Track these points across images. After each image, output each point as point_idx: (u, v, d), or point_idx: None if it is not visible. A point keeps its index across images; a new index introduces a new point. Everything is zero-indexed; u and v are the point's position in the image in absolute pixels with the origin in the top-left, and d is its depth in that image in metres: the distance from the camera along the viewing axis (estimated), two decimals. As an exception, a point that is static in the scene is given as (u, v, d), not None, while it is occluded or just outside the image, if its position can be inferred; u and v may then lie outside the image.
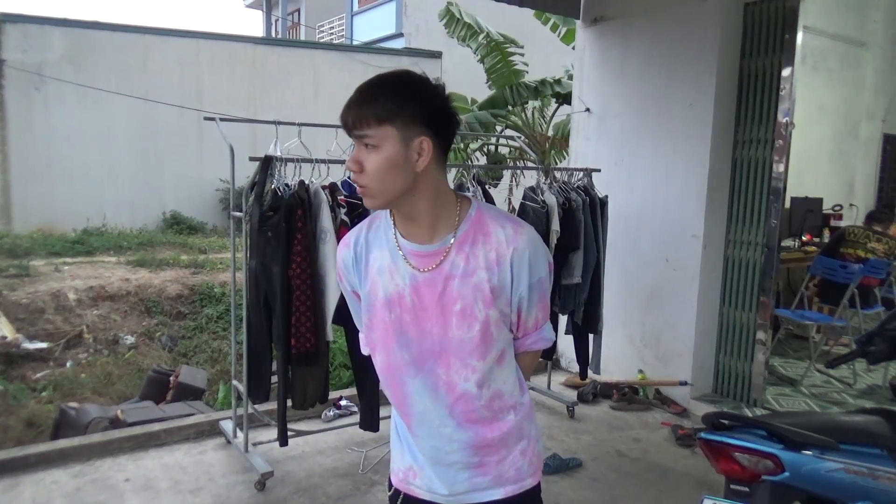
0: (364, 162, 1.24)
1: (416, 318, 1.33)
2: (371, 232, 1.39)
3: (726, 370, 4.39)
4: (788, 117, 3.95)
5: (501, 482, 1.40)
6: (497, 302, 1.31)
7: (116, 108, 11.47)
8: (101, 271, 8.19)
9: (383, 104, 1.23)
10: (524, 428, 1.43)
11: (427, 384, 1.35)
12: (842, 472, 1.91)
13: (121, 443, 3.55)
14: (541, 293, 1.37)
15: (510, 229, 1.32)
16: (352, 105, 1.24)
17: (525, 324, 1.39)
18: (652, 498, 3.21)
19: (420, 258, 1.32)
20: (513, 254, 1.30)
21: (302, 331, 3.04)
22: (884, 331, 2.33)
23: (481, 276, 1.30)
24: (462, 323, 1.31)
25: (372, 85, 1.25)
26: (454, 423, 1.36)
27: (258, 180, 3.07)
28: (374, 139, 1.23)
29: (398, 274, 1.33)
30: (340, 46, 15.91)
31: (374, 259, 1.37)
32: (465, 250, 1.31)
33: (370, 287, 1.37)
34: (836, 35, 7.13)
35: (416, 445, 1.42)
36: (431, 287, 1.31)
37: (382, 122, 1.22)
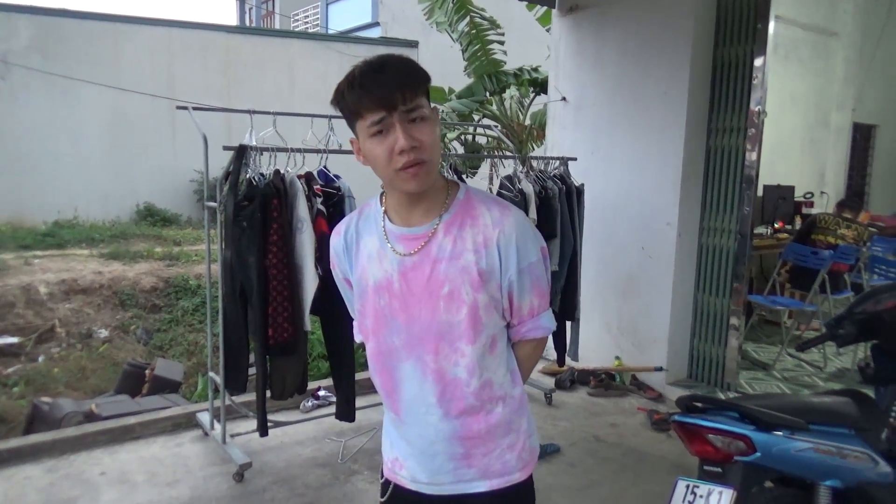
0: (420, 136, 1.21)
1: (404, 304, 1.32)
2: (361, 220, 1.40)
3: (701, 355, 4.46)
4: (761, 106, 4.01)
5: (487, 475, 1.38)
6: (486, 286, 1.29)
7: (86, 98, 11.21)
8: (73, 264, 8.04)
9: (419, 75, 1.23)
10: (513, 421, 1.40)
11: (416, 370, 1.34)
12: (811, 452, 1.96)
13: (95, 437, 3.51)
14: (533, 279, 1.34)
15: (497, 212, 1.31)
16: (389, 83, 1.19)
17: (519, 310, 1.37)
18: (628, 481, 3.26)
19: (407, 241, 1.31)
20: (499, 236, 1.29)
21: (279, 321, 3.02)
22: (852, 314, 2.38)
23: (469, 258, 1.29)
24: (450, 306, 1.29)
25: (396, 64, 1.22)
26: (441, 412, 1.35)
27: (233, 170, 3.03)
28: (424, 110, 1.23)
29: (386, 259, 1.33)
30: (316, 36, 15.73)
31: (363, 246, 1.37)
32: (452, 233, 1.30)
33: (360, 274, 1.37)
34: (808, 25, 7.24)
35: (403, 434, 1.41)
36: (419, 271, 1.30)
37: (424, 94, 1.24)
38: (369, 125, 1.21)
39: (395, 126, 1.20)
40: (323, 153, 3.27)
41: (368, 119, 1.21)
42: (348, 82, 1.23)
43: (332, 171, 3.32)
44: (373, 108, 1.20)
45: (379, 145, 1.22)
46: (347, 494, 3.07)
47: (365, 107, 1.21)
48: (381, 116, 1.20)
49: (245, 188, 3.00)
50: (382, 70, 1.21)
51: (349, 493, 3.08)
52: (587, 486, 3.22)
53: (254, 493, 3.06)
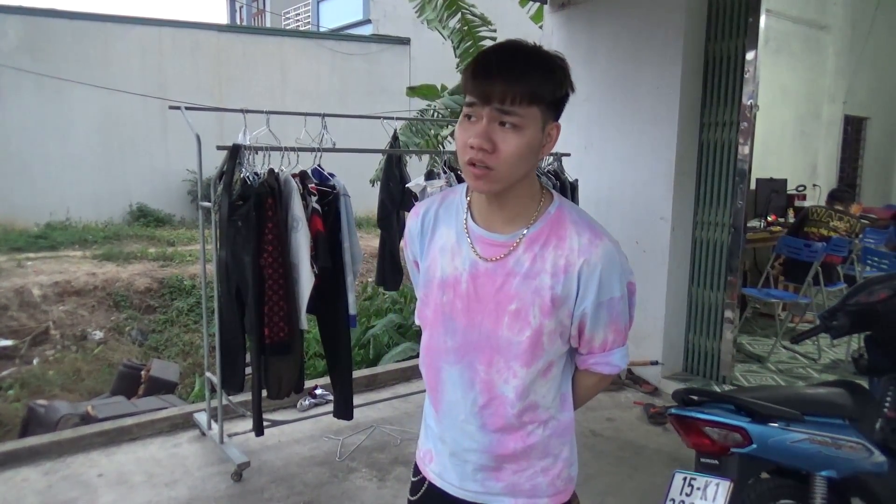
0: (500, 142, 1.12)
1: (467, 308, 1.25)
2: (443, 207, 1.33)
3: (696, 349, 4.48)
4: (753, 100, 4.02)
5: (514, 493, 1.32)
6: (556, 312, 1.22)
7: (77, 98, 11.15)
8: (67, 266, 8.01)
9: (540, 83, 1.13)
10: (551, 445, 1.32)
11: (464, 377, 1.28)
12: (806, 443, 1.98)
13: (92, 438, 3.50)
14: (612, 315, 1.24)
15: (587, 238, 1.21)
16: (498, 75, 1.11)
17: (589, 342, 1.28)
18: (626, 475, 3.28)
19: (486, 246, 1.24)
20: (582, 265, 1.20)
21: (275, 320, 3.02)
22: (845, 306, 2.40)
23: (544, 280, 1.21)
24: (514, 324, 1.22)
25: (522, 56, 1.13)
26: (479, 422, 1.28)
27: (226, 169, 3.03)
28: (521, 119, 1.12)
29: (459, 257, 1.26)
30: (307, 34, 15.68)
31: (439, 236, 1.31)
32: (534, 249, 1.22)
33: (430, 263, 1.31)
34: (798, 18, 7.27)
35: (440, 432, 1.37)
36: (491, 279, 1.23)
37: (533, 102, 1.12)
38: (466, 105, 1.16)
39: (482, 119, 1.13)
40: (317, 152, 3.27)
41: (468, 99, 1.15)
42: (478, 54, 1.17)
43: (326, 170, 3.32)
44: (472, 91, 1.13)
45: (463, 130, 1.16)
46: (346, 492, 3.08)
47: (468, 87, 1.14)
48: (473, 102, 1.13)
49: (239, 188, 3.00)
50: (504, 60, 1.13)
51: (348, 491, 3.08)
52: (584, 480, 3.23)
53: (252, 492, 3.06)
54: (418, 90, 8.61)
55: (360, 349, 5.79)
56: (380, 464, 3.34)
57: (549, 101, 1.15)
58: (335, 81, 13.53)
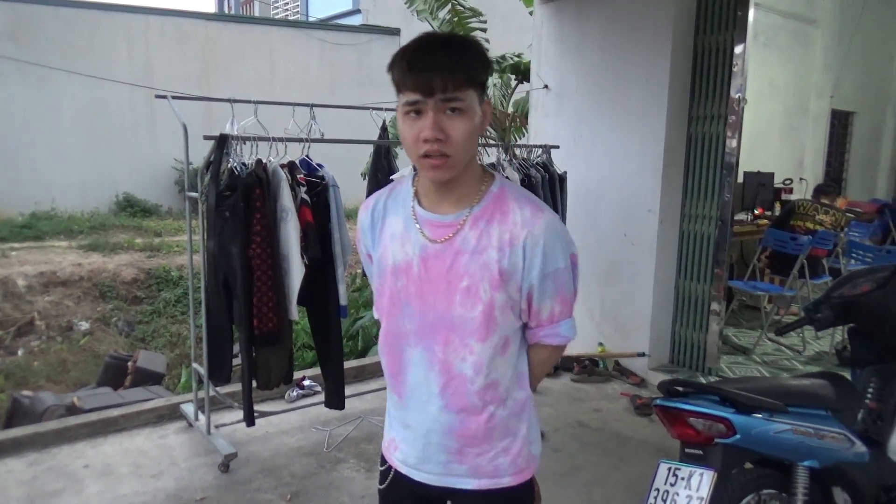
0: (450, 129, 1.18)
1: (420, 290, 1.30)
2: (391, 198, 1.38)
3: (682, 341, 4.51)
4: (741, 93, 4.04)
5: (476, 474, 1.36)
6: (505, 286, 1.26)
7: (62, 87, 11.00)
8: (52, 256, 7.93)
9: (471, 66, 1.19)
10: (512, 425, 1.37)
11: (424, 358, 1.33)
12: (789, 433, 2.00)
13: (78, 429, 3.48)
14: (558, 285, 1.30)
15: (529, 212, 1.27)
16: (435, 67, 1.15)
17: (538, 315, 1.33)
18: (612, 465, 3.31)
19: (434, 228, 1.29)
20: (526, 237, 1.25)
21: (264, 311, 3.01)
22: (829, 299, 2.43)
23: (491, 255, 1.26)
24: (466, 301, 1.27)
25: (449, 45, 1.19)
26: (441, 403, 1.33)
27: (214, 159, 3.01)
28: (464, 103, 1.18)
29: (409, 243, 1.31)
30: (296, 23, 15.54)
31: (388, 225, 1.35)
32: (479, 227, 1.27)
33: (382, 252, 1.36)
34: (787, 12, 7.30)
35: (402, 417, 1.40)
36: (440, 260, 1.28)
37: (469, 85, 1.19)
38: (405, 103, 1.20)
39: (428, 112, 1.17)
40: (305, 142, 3.25)
41: (406, 96, 1.19)
42: (402, 52, 1.20)
43: (314, 161, 3.30)
44: (412, 88, 1.17)
45: (409, 127, 1.20)
46: (333, 483, 3.08)
47: (405, 84, 1.18)
48: (417, 99, 1.17)
49: (227, 178, 2.98)
50: (433, 52, 1.18)
51: (335, 482, 3.09)
52: (571, 470, 3.26)
53: (239, 483, 3.06)
54: (408, 81, 8.55)
55: (349, 341, 5.78)
56: (367, 454, 3.34)
57: (480, 81, 1.22)
58: (324, 72, 13.43)
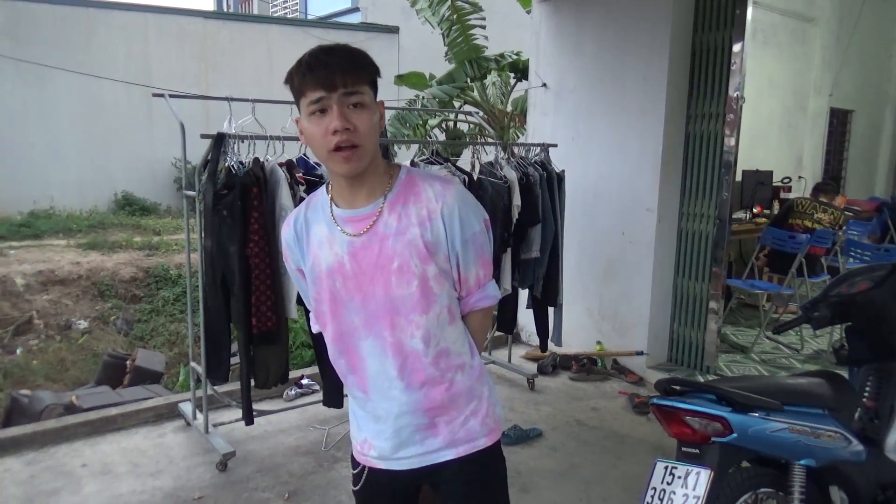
0: (355, 120, 1.27)
1: (358, 283, 1.36)
2: (310, 210, 1.44)
3: (680, 339, 4.52)
4: (739, 92, 4.04)
5: (453, 443, 1.42)
6: (434, 257, 1.34)
7: (60, 85, 10.97)
8: (51, 255, 7.92)
9: (365, 66, 1.30)
10: (475, 388, 1.45)
11: (376, 346, 1.38)
12: (786, 432, 2.00)
13: (76, 428, 3.48)
14: (477, 248, 1.40)
15: (438, 186, 1.37)
16: (335, 66, 1.26)
17: (466, 282, 1.42)
18: (609, 464, 3.31)
19: (354, 222, 1.36)
20: (442, 208, 1.34)
21: (262, 310, 3.01)
22: (826, 298, 2.43)
23: (414, 232, 1.33)
24: (401, 280, 1.34)
25: (345, 51, 1.29)
26: (403, 384, 1.38)
27: (211, 158, 3.00)
28: (364, 97, 1.28)
29: (336, 243, 1.37)
30: (295, 21, 15.52)
31: (313, 234, 1.41)
32: (396, 210, 1.35)
33: (313, 261, 1.41)
34: (786, 10, 7.29)
35: (370, 411, 1.44)
36: (368, 250, 1.35)
37: (366, 82, 1.30)
38: (309, 103, 1.27)
39: (332, 107, 1.25)
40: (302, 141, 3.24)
41: (309, 97, 1.26)
42: (298, 62, 1.29)
43: (312, 159, 3.30)
44: (314, 87, 1.25)
45: (317, 124, 1.28)
46: (331, 481, 3.08)
47: (307, 85, 1.26)
48: (321, 96, 1.25)
49: (224, 177, 2.97)
50: (329, 53, 1.28)
51: (333, 480, 3.09)
52: (569, 469, 3.26)
53: (237, 481, 3.06)
54: (406, 79, 8.56)
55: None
56: (366, 453, 3.34)
57: (373, 80, 1.33)
58: (323, 70, 13.42)
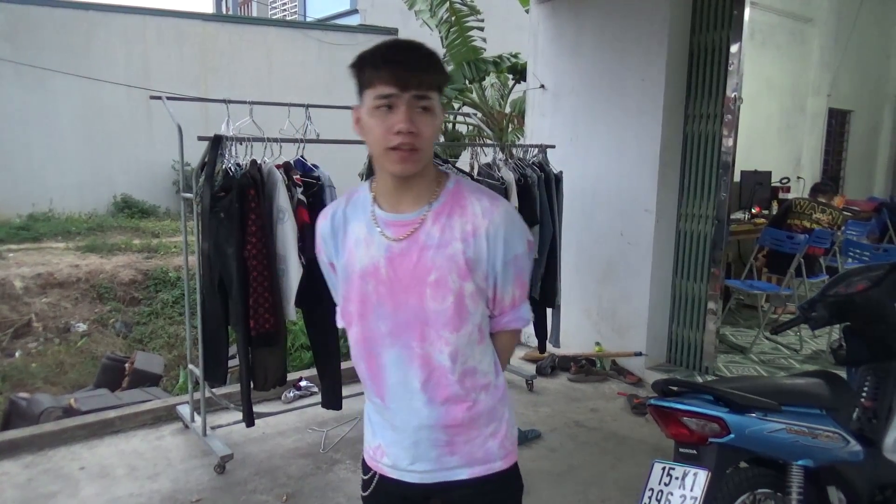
0: (420, 125, 1.24)
1: (391, 290, 1.32)
2: (349, 206, 1.40)
3: (679, 340, 4.51)
4: (737, 92, 4.04)
5: (469, 462, 1.39)
6: (473, 275, 1.31)
7: (59, 88, 10.97)
8: (49, 258, 7.91)
9: (439, 72, 1.28)
10: (496, 410, 1.41)
11: (402, 356, 1.34)
12: (784, 432, 2.00)
13: (74, 431, 3.47)
14: (517, 270, 1.36)
15: (487, 202, 1.33)
16: (413, 66, 1.23)
17: (501, 301, 1.38)
18: (608, 465, 3.31)
19: (395, 227, 1.32)
20: (488, 226, 1.31)
21: (260, 311, 3.00)
22: (824, 298, 2.43)
23: (456, 247, 1.30)
24: (436, 294, 1.30)
25: (424, 52, 1.27)
26: (425, 398, 1.35)
27: (208, 160, 3.00)
28: (432, 103, 1.25)
29: (373, 245, 1.33)
30: (294, 23, 15.52)
31: (351, 231, 1.37)
32: (440, 221, 1.31)
33: (347, 259, 1.37)
34: (783, 11, 7.29)
35: (388, 420, 1.41)
36: (406, 257, 1.31)
37: (437, 88, 1.27)
38: (377, 97, 1.23)
39: (401, 106, 1.22)
40: (300, 143, 3.25)
41: (378, 90, 1.22)
42: (374, 50, 1.25)
43: (309, 161, 3.30)
44: (386, 83, 1.21)
45: (380, 120, 1.24)
46: (330, 483, 3.08)
47: (380, 79, 1.22)
48: (392, 93, 1.21)
49: (221, 179, 2.97)
50: (410, 50, 1.25)
51: (331, 482, 3.09)
52: (567, 470, 3.26)
53: (235, 484, 3.05)
54: (405, 81, 8.54)
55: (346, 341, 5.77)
56: (364, 455, 3.34)
57: (442, 87, 1.30)
58: (322, 72, 13.40)
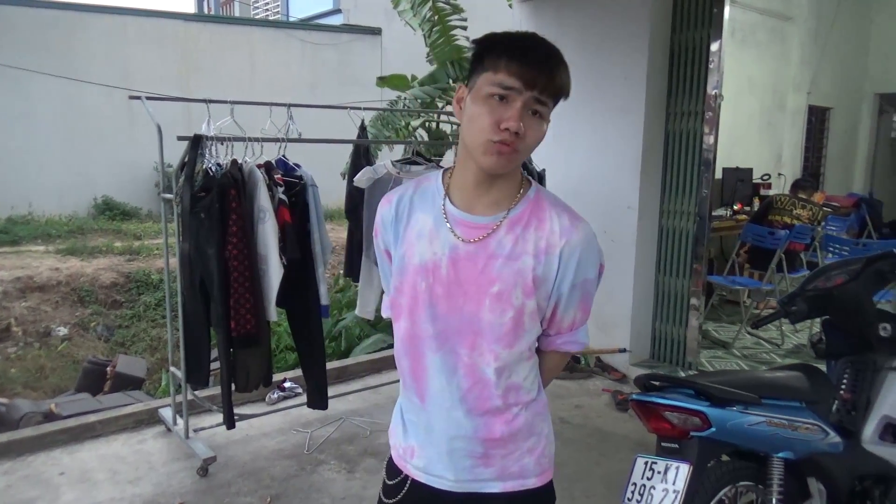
0: (527, 128, 1.17)
1: (448, 292, 1.25)
2: (417, 194, 1.32)
3: (662, 336, 4.54)
4: (717, 90, 4.07)
5: (503, 476, 1.33)
6: (537, 293, 1.24)
7: (38, 89, 10.83)
8: (29, 261, 7.80)
9: (565, 81, 1.20)
10: (535, 425, 1.35)
11: (447, 362, 1.28)
12: (764, 425, 2.01)
13: (55, 436, 3.43)
14: (584, 294, 1.30)
15: (567, 220, 1.26)
16: (545, 66, 1.16)
17: (559, 322, 1.32)
18: (593, 461, 3.32)
19: (467, 228, 1.25)
20: (564, 246, 1.24)
21: (241, 312, 2.98)
22: (803, 292, 2.45)
23: (527, 262, 1.23)
24: (496, 306, 1.23)
25: (559, 58, 1.20)
26: (465, 408, 1.29)
27: (188, 160, 2.97)
28: (546, 110, 1.19)
29: (438, 241, 1.26)
30: (276, 23, 15.44)
31: (415, 221, 1.30)
32: (515, 231, 1.24)
33: (405, 250, 1.30)
34: (764, 9, 7.37)
35: (425, 423, 1.34)
36: (472, 262, 1.24)
37: (556, 97, 1.20)
38: (496, 84, 1.16)
39: (517, 103, 1.15)
40: (281, 142, 3.23)
41: (501, 79, 1.15)
42: (510, 36, 1.19)
43: (291, 161, 3.28)
44: (514, 75, 1.14)
45: (490, 109, 1.16)
46: (314, 485, 3.06)
47: (509, 69, 1.15)
48: (515, 86, 1.15)
49: (201, 179, 2.95)
50: (545, 51, 1.18)
51: (316, 483, 3.07)
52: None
53: (219, 486, 3.03)
54: (388, 80, 8.54)
55: (331, 341, 5.74)
56: (349, 455, 3.33)
57: (560, 100, 1.22)
58: (305, 71, 13.35)
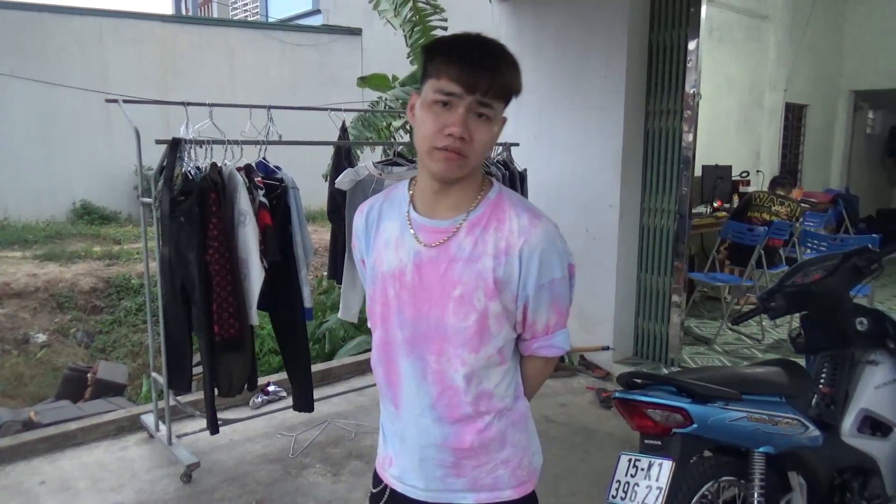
0: (474, 132, 1.16)
1: (414, 298, 1.26)
2: (387, 203, 1.34)
3: (645, 333, 4.58)
4: (696, 88, 4.11)
5: (475, 487, 1.31)
6: (500, 295, 1.23)
7: (14, 93, 10.66)
8: (5, 267, 7.68)
9: (513, 80, 1.19)
10: (509, 436, 1.32)
11: (416, 368, 1.28)
12: (745, 421, 2.04)
13: (34, 445, 3.38)
14: (553, 296, 1.26)
15: (526, 220, 1.24)
16: (485, 68, 1.14)
17: (532, 326, 1.29)
18: (578, 459, 3.34)
19: (428, 233, 1.26)
20: (523, 246, 1.22)
21: (224, 317, 2.95)
22: (782, 288, 2.48)
23: (486, 263, 1.22)
24: (459, 310, 1.22)
25: (503, 57, 1.18)
26: (435, 415, 1.28)
27: (166, 164, 2.95)
28: (493, 112, 1.18)
29: (403, 248, 1.27)
30: (255, 24, 15.33)
31: (383, 230, 1.31)
32: (475, 233, 1.23)
33: (375, 258, 1.32)
34: (740, 8, 7.45)
35: (399, 430, 1.35)
36: (434, 267, 1.24)
37: (504, 97, 1.19)
38: (438, 91, 1.15)
39: (460, 108, 1.15)
40: (261, 145, 3.20)
41: (442, 85, 1.15)
42: (453, 41, 1.19)
43: (272, 163, 3.26)
44: (453, 80, 1.14)
45: (434, 115, 1.16)
46: (300, 488, 3.05)
47: (448, 72, 1.14)
48: (455, 91, 1.14)
49: (181, 182, 2.92)
50: (488, 51, 1.17)
51: (301, 487, 3.05)
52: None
53: (203, 492, 3.00)
54: (369, 81, 8.51)
55: (315, 344, 5.72)
56: (334, 458, 3.31)
57: (510, 98, 1.21)
58: (285, 73, 13.27)
